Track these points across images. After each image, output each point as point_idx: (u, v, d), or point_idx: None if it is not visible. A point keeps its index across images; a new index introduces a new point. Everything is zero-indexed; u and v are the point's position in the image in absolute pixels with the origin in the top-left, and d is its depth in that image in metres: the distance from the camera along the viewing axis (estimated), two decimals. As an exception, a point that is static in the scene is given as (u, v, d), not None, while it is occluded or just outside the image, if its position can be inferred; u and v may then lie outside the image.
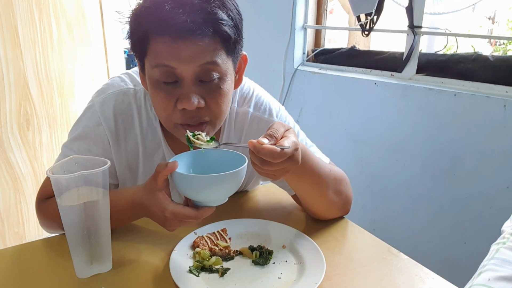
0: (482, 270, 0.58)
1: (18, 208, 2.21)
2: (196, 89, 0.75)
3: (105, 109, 0.88)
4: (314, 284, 0.71)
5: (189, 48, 0.71)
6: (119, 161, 0.92)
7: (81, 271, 0.75)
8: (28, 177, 2.22)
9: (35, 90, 2.16)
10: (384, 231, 1.86)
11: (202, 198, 0.71)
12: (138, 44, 0.76)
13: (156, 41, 0.73)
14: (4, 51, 2.00)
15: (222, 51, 0.75)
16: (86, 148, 0.89)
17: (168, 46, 0.71)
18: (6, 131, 2.08)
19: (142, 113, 0.90)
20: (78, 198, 0.70)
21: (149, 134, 0.91)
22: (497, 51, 3.23)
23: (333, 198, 0.90)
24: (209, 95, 0.77)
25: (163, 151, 0.93)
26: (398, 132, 1.75)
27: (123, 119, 0.89)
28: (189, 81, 0.74)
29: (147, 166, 0.93)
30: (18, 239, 2.23)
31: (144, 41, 0.74)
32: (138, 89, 0.91)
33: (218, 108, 0.79)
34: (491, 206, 1.51)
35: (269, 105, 0.96)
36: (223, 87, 0.77)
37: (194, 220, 0.71)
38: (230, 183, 0.70)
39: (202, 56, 0.72)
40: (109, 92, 0.90)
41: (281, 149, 0.66)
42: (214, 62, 0.74)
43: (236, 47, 0.78)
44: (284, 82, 2.20)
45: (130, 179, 0.95)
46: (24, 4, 2.05)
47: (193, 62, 0.72)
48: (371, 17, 1.85)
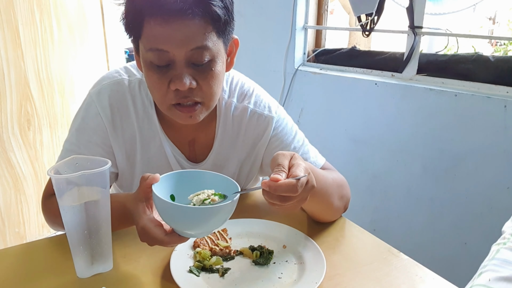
0: (482, 271, 0.58)
1: (19, 208, 2.21)
2: (188, 70, 0.78)
3: (101, 99, 0.91)
4: (314, 284, 0.71)
5: (181, 31, 0.74)
6: (118, 149, 0.93)
7: (82, 271, 0.75)
8: (29, 177, 2.23)
9: (36, 90, 2.16)
10: (384, 231, 1.86)
11: (176, 227, 0.66)
12: (132, 26, 0.79)
13: (149, 23, 0.75)
14: (5, 51, 2.01)
15: (212, 32, 0.77)
16: (87, 139, 0.91)
17: (161, 28, 0.74)
18: (7, 131, 2.08)
19: (137, 101, 0.93)
20: (79, 198, 0.70)
21: (145, 122, 0.94)
22: (498, 52, 3.23)
23: (338, 204, 0.92)
24: (200, 77, 0.79)
25: (160, 139, 0.95)
26: (399, 132, 1.75)
27: (119, 108, 0.92)
28: (181, 63, 0.77)
29: (145, 154, 0.95)
30: (19, 239, 2.23)
31: (138, 22, 0.77)
32: (132, 80, 0.94)
33: (210, 89, 0.81)
34: (492, 207, 1.51)
35: (268, 103, 0.99)
36: (214, 69, 0.80)
37: (160, 245, 0.68)
38: (207, 219, 0.63)
39: (194, 40, 0.75)
40: (104, 83, 0.93)
41: (296, 180, 0.64)
42: (205, 46, 0.76)
43: (227, 28, 0.80)
44: (284, 82, 2.20)
45: (128, 167, 0.97)
46: (25, 5, 2.05)
47: (185, 46, 0.75)
48: (372, 17, 1.85)
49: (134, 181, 0.98)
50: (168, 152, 0.95)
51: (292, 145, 0.98)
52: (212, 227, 0.67)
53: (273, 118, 0.97)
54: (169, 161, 0.96)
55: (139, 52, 0.82)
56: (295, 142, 0.98)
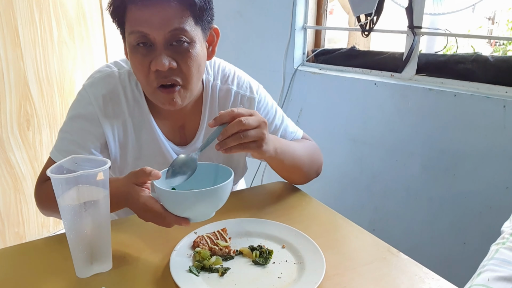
0: (481, 270, 0.58)
1: (18, 208, 2.21)
2: (167, 52, 0.84)
3: (94, 90, 0.96)
4: (314, 283, 0.71)
5: (159, 14, 0.81)
6: (110, 137, 0.98)
7: (81, 270, 0.75)
8: (28, 177, 2.23)
9: (35, 90, 2.16)
10: (383, 231, 1.87)
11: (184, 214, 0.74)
12: (116, 12, 0.86)
13: (131, 9, 0.83)
14: (5, 51, 2.00)
15: (190, 18, 0.84)
16: (79, 127, 0.96)
17: (141, 12, 0.81)
18: (6, 131, 2.08)
19: (127, 91, 0.98)
20: (78, 197, 0.70)
21: (136, 110, 0.99)
22: (497, 52, 3.23)
23: (308, 168, 1.07)
24: (180, 58, 0.85)
25: (151, 126, 1.00)
26: (398, 132, 1.75)
27: (111, 97, 0.97)
28: (160, 45, 0.83)
29: (137, 141, 1.00)
30: (18, 239, 2.23)
31: (121, 9, 0.84)
32: (122, 72, 0.99)
33: (189, 70, 0.87)
34: (491, 207, 1.51)
35: (249, 84, 1.07)
36: (192, 51, 0.86)
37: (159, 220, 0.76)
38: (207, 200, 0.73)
39: (171, 22, 0.82)
40: (96, 76, 0.99)
41: (232, 110, 0.77)
42: (182, 29, 0.83)
43: (204, 14, 0.86)
44: (284, 82, 2.20)
45: (121, 154, 1.01)
46: (25, 4, 2.05)
47: (163, 28, 0.82)
48: (371, 17, 1.85)
49: (126, 168, 1.03)
50: (159, 138, 1.00)
51: (274, 123, 1.08)
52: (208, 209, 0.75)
53: (255, 99, 1.05)
54: (161, 147, 1.01)
55: (125, 40, 0.88)
56: (276, 119, 1.08)
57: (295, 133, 1.13)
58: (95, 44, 2.41)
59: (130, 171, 0.80)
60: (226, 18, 2.36)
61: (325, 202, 1.06)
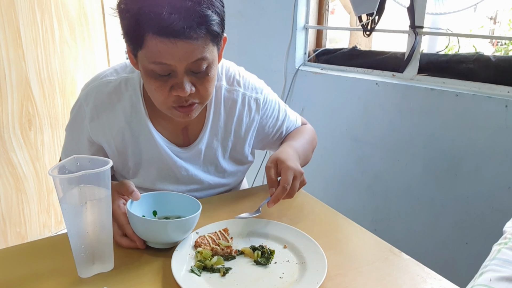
0: (483, 271, 0.58)
1: (20, 208, 2.22)
2: (188, 78, 0.85)
3: (88, 101, 0.99)
4: (315, 283, 0.71)
5: (183, 48, 0.80)
6: (107, 146, 1.01)
7: (83, 270, 0.75)
8: (30, 177, 2.23)
9: (37, 90, 2.17)
10: (385, 231, 1.86)
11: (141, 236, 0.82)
12: (134, 39, 0.83)
13: (153, 40, 0.79)
14: (6, 51, 2.01)
15: (210, 44, 0.84)
16: (76, 139, 1.03)
17: (165, 46, 0.79)
18: (8, 131, 2.09)
19: (123, 99, 0.99)
20: (80, 198, 0.70)
21: (133, 117, 0.99)
22: (499, 51, 3.22)
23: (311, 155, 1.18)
24: (198, 82, 0.87)
25: (150, 131, 1.00)
26: (400, 132, 1.75)
27: (105, 108, 0.98)
28: (182, 73, 0.84)
29: (136, 147, 1.01)
30: (20, 239, 2.23)
31: (140, 38, 0.81)
32: (118, 79, 1.00)
33: (206, 92, 0.90)
34: (493, 207, 1.51)
35: (254, 85, 1.09)
36: (210, 74, 0.88)
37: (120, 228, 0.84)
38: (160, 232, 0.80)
39: (195, 54, 0.81)
40: (90, 86, 1.00)
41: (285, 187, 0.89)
42: (204, 57, 0.83)
43: (221, 36, 0.87)
44: (285, 82, 2.20)
45: (121, 161, 1.03)
46: (26, 5, 2.05)
47: (186, 60, 0.81)
48: (373, 17, 1.85)
49: (128, 173, 1.05)
50: (158, 142, 1.00)
51: (279, 120, 1.14)
52: (166, 239, 0.81)
53: (260, 99, 1.08)
54: (160, 152, 1.01)
55: (137, 56, 0.86)
56: (280, 115, 1.14)
57: (295, 122, 1.20)
58: (97, 44, 2.41)
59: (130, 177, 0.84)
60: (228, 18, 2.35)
61: (326, 202, 1.06)
